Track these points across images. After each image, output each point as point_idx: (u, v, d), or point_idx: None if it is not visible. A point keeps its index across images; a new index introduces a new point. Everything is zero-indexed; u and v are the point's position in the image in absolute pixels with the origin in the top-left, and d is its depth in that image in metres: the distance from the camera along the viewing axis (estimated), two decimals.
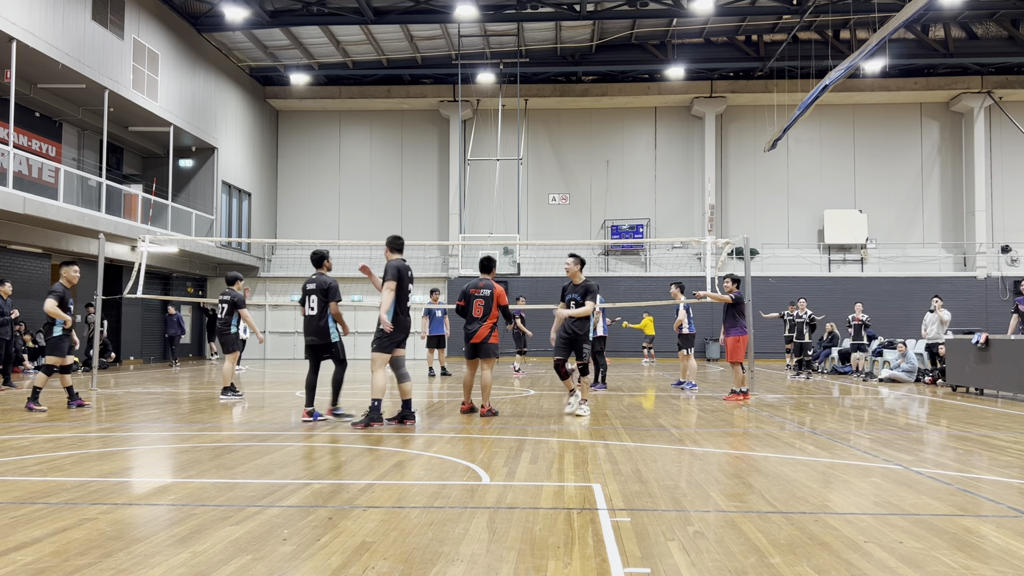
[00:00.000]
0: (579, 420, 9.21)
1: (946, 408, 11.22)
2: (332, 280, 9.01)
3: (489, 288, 9.51)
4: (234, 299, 12.01)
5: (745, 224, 29.31)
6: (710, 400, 12.12)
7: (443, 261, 30.44)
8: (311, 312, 8.84)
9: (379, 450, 6.88)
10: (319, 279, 8.96)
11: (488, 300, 9.43)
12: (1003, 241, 29.42)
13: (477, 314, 9.46)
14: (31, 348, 19.26)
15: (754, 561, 3.63)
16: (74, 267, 10.17)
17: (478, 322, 9.47)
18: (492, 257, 9.73)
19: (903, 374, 16.76)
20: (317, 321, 8.82)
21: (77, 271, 10.22)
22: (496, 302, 9.44)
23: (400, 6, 24.86)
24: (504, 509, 4.65)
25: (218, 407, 10.65)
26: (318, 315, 8.82)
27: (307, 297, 8.92)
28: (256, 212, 29.89)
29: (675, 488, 5.29)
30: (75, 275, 10.19)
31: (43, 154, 20.49)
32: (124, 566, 3.51)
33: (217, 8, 24.37)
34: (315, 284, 8.92)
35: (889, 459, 6.53)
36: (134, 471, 6.03)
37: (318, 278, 8.98)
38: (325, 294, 8.84)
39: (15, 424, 8.77)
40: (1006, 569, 3.54)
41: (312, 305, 8.85)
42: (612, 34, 28.22)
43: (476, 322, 9.48)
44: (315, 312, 8.83)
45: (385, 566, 3.53)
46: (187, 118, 24.39)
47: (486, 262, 9.75)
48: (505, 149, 30.02)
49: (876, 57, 25.29)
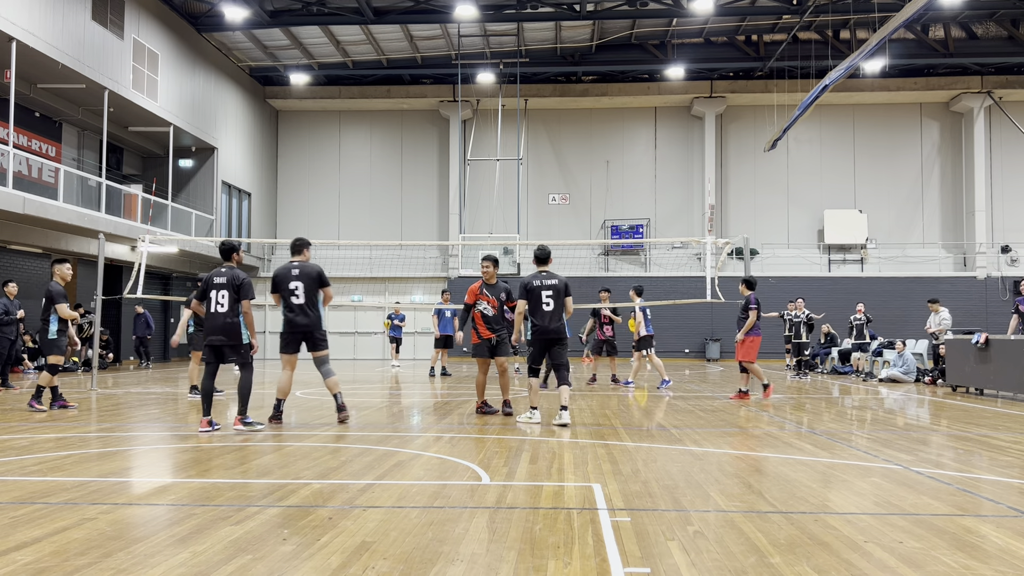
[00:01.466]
0: (579, 421, 9.20)
1: (946, 408, 11.22)
2: (245, 275, 8.29)
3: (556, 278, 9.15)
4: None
5: (745, 224, 29.31)
6: (710, 400, 12.12)
7: (443, 261, 30.44)
8: (220, 309, 8.12)
9: (379, 450, 6.88)
10: (230, 272, 8.24)
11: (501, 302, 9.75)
12: (1003, 241, 29.42)
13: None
14: (31, 348, 19.26)
15: (754, 561, 3.63)
16: (67, 264, 10.37)
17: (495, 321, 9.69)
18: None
19: (901, 373, 16.77)
20: (225, 319, 8.11)
21: (70, 268, 10.43)
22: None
23: (400, 6, 24.86)
24: (504, 509, 4.65)
25: (217, 407, 10.64)
26: (228, 312, 8.11)
27: (215, 292, 8.17)
28: (256, 212, 29.89)
29: (675, 488, 5.29)
30: (68, 273, 10.37)
31: (43, 154, 20.49)
32: (124, 566, 3.51)
33: (217, 8, 24.37)
34: (225, 278, 8.18)
35: (889, 459, 6.53)
36: (134, 471, 6.03)
37: (229, 271, 8.25)
38: (237, 290, 8.15)
39: (15, 424, 8.77)
40: (1006, 569, 3.54)
41: (221, 301, 8.13)
42: (612, 34, 28.22)
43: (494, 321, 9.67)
44: (225, 309, 8.11)
45: (385, 566, 3.53)
46: (187, 118, 24.39)
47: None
48: (505, 149, 30.02)
49: (876, 57, 25.30)
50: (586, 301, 25.37)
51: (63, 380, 16.08)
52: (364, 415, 9.84)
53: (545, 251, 9.15)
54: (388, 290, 29.62)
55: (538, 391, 9.18)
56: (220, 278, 8.21)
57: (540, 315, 8.86)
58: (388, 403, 11.72)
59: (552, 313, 8.85)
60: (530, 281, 8.96)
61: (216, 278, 8.23)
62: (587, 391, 13.57)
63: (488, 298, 9.58)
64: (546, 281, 8.93)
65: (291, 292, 8.67)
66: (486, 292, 9.60)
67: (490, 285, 9.68)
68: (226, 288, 8.16)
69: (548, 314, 8.84)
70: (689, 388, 14.74)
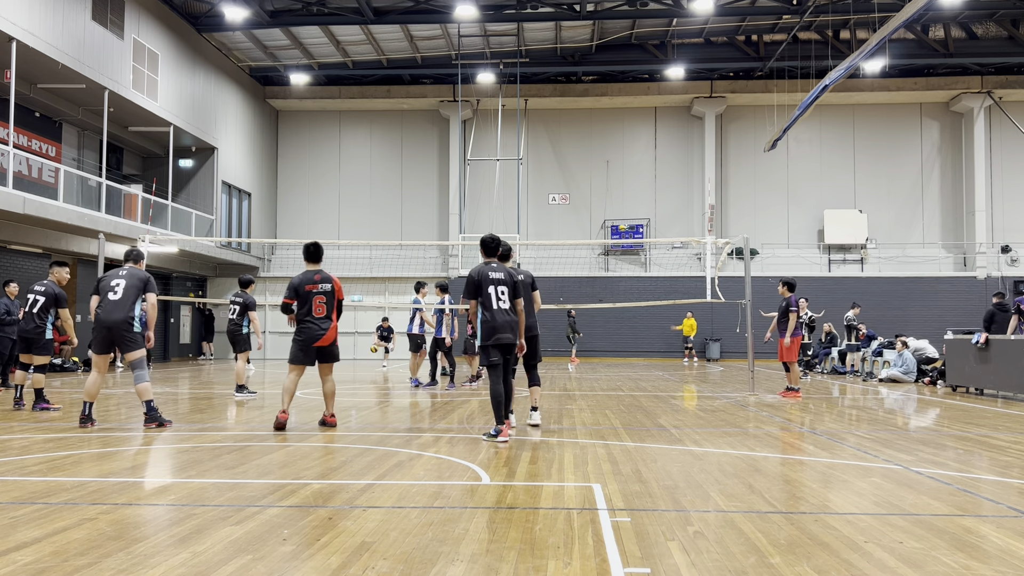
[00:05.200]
0: (580, 419, 9.20)
1: (946, 408, 11.22)
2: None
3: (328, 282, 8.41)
4: (247, 302, 12.19)
5: (745, 224, 29.32)
6: (710, 400, 12.13)
7: (443, 261, 30.44)
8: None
9: (379, 450, 6.88)
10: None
11: (329, 296, 8.38)
12: (1003, 241, 29.42)
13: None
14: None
15: (754, 561, 3.63)
16: (66, 268, 10.62)
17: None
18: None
19: (900, 373, 16.77)
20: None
21: (68, 272, 10.67)
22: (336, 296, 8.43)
23: (400, 6, 24.86)
24: (504, 509, 4.65)
25: (217, 407, 10.65)
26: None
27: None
28: (256, 212, 29.89)
29: (675, 488, 5.29)
30: (66, 277, 10.61)
31: (43, 154, 20.49)
32: (124, 566, 3.51)
33: (217, 8, 24.37)
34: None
35: (889, 459, 6.53)
36: (134, 471, 6.03)
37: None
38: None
39: (15, 424, 8.77)
40: (1006, 569, 3.54)
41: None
42: (612, 34, 28.22)
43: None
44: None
45: (385, 566, 3.53)
46: (187, 118, 24.39)
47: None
48: (505, 149, 30.02)
49: (876, 57, 25.30)
50: (586, 301, 25.40)
51: (63, 380, 16.09)
52: (363, 415, 9.85)
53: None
54: (388, 290, 29.61)
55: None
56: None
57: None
58: (387, 403, 11.73)
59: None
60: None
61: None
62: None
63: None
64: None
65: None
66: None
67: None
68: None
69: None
70: (689, 388, 14.74)
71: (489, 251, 7.85)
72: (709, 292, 15.50)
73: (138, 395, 8.33)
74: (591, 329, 27.90)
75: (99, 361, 8.48)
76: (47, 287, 10.33)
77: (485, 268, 7.65)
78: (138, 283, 8.46)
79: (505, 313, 7.54)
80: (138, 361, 8.39)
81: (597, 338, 28.37)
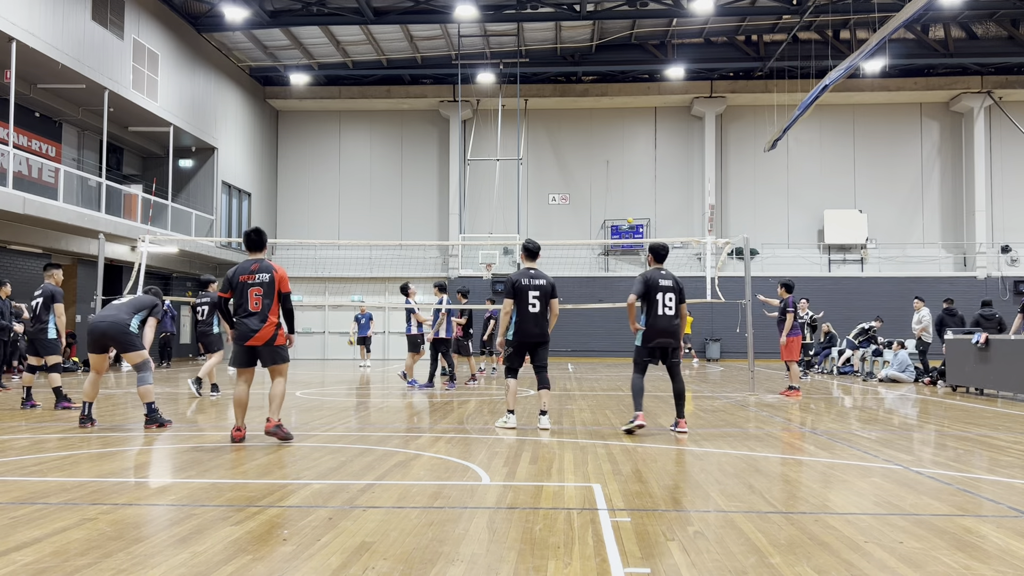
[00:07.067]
0: (580, 419, 9.20)
1: (946, 408, 11.22)
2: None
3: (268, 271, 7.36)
4: (212, 300, 12.24)
5: (745, 224, 29.30)
6: (710, 400, 12.12)
7: (443, 261, 30.45)
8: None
9: (379, 450, 6.88)
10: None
11: (268, 286, 7.28)
12: (1003, 241, 29.42)
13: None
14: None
15: (754, 561, 3.63)
16: (60, 270, 10.91)
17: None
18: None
19: (898, 372, 16.79)
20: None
21: (62, 274, 11.01)
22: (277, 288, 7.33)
23: (400, 6, 24.87)
24: (504, 509, 4.65)
25: (217, 407, 10.65)
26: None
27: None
28: (256, 212, 29.89)
29: (675, 488, 5.29)
30: (61, 276, 10.91)
31: (43, 154, 20.49)
32: (124, 566, 3.51)
33: (217, 8, 24.37)
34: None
35: (889, 459, 6.53)
36: (134, 471, 6.03)
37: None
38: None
39: (15, 424, 8.77)
40: (1006, 569, 3.54)
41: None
42: (612, 34, 28.23)
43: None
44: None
45: (385, 566, 3.53)
46: (187, 118, 24.39)
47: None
48: (505, 149, 30.02)
49: (876, 57, 25.29)
50: (586, 301, 25.36)
51: (63, 380, 16.05)
52: (363, 415, 9.84)
53: (536, 245, 8.47)
54: (388, 290, 29.60)
55: (516, 393, 8.48)
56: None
57: (525, 317, 8.16)
58: (387, 403, 11.72)
59: (538, 315, 8.22)
60: (518, 279, 8.27)
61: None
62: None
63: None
64: (534, 281, 8.27)
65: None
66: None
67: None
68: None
69: (534, 316, 8.18)
70: (690, 388, 14.74)
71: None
72: (709, 292, 15.51)
73: (140, 397, 8.34)
74: (591, 329, 27.89)
75: (96, 361, 8.52)
76: (44, 287, 10.44)
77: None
78: (145, 303, 8.71)
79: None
80: (142, 363, 8.39)
81: (597, 338, 28.36)
